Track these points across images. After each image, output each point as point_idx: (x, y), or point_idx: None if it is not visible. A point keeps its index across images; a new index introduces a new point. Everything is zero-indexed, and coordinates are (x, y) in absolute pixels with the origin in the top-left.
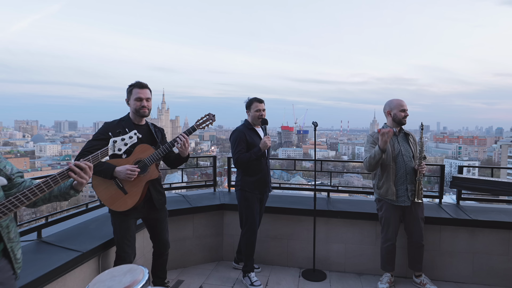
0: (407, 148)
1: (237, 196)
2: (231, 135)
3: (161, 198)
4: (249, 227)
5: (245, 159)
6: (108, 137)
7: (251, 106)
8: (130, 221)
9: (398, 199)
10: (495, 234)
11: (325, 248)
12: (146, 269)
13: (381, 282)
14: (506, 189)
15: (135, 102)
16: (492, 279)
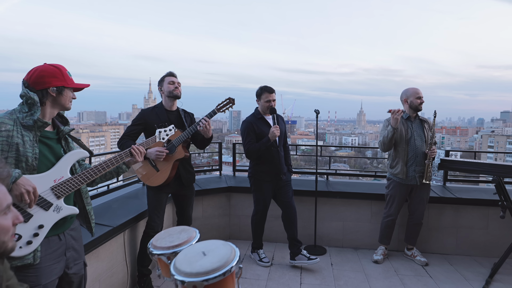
0: (420, 134)
1: (250, 183)
2: (241, 126)
3: (189, 176)
4: (257, 209)
5: (255, 149)
6: (144, 122)
7: (262, 96)
8: (162, 195)
9: (407, 179)
10: (477, 211)
11: (325, 226)
12: (197, 229)
13: (376, 254)
14: (487, 169)
15: (168, 85)
16: (473, 250)
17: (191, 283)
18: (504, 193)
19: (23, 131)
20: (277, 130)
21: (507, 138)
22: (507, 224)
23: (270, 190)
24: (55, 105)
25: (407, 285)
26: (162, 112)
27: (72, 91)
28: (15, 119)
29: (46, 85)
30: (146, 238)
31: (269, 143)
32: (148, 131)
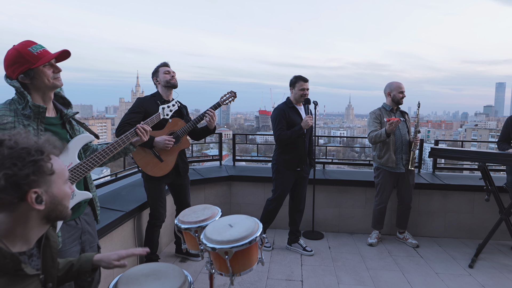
0: (403, 124)
1: (273, 169)
2: (272, 113)
3: (185, 166)
4: (275, 197)
5: (286, 136)
6: (142, 110)
7: (296, 84)
8: (162, 186)
9: (396, 166)
10: (463, 196)
11: (322, 212)
12: (218, 207)
13: (370, 238)
14: (473, 156)
15: (164, 75)
16: (460, 233)
17: (222, 249)
18: (489, 178)
19: (25, 121)
20: (311, 120)
21: (489, 132)
22: (490, 208)
23: (291, 180)
24: (39, 90)
25: (401, 265)
26: (160, 100)
27: (51, 66)
28: (15, 109)
29: (15, 74)
30: (153, 228)
31: (301, 131)
32: (147, 118)
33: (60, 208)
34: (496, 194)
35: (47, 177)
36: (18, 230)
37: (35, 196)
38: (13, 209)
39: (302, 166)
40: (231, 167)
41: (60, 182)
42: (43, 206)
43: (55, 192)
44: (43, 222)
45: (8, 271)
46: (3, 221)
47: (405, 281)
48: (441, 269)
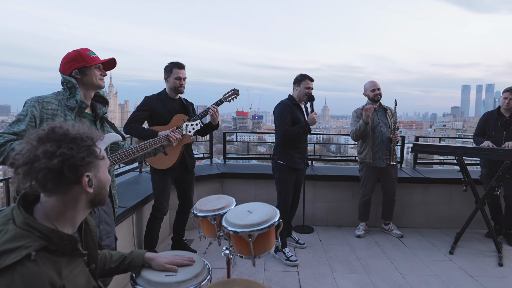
0: (385, 120)
1: (274, 167)
2: (275, 108)
3: (192, 161)
4: (282, 202)
5: (293, 132)
6: (150, 108)
7: (302, 82)
8: (167, 179)
9: (375, 161)
10: (442, 189)
11: (311, 207)
12: (232, 197)
13: (358, 230)
14: (451, 151)
15: (174, 80)
16: (439, 223)
17: (246, 233)
18: (466, 171)
19: (66, 111)
20: (317, 116)
21: (456, 132)
22: (466, 200)
23: (293, 179)
24: (86, 86)
25: (388, 254)
26: (167, 100)
27: (99, 69)
28: (60, 100)
29: (70, 70)
30: (154, 220)
31: (307, 128)
32: (154, 117)
33: (103, 193)
34: (473, 185)
35: (97, 162)
36: (68, 213)
37: (87, 179)
38: (67, 192)
39: (305, 164)
40: (222, 164)
41: (104, 168)
42: (92, 190)
43: (102, 177)
44: (88, 206)
45: (66, 251)
46: (56, 204)
47: (393, 268)
48: (425, 256)
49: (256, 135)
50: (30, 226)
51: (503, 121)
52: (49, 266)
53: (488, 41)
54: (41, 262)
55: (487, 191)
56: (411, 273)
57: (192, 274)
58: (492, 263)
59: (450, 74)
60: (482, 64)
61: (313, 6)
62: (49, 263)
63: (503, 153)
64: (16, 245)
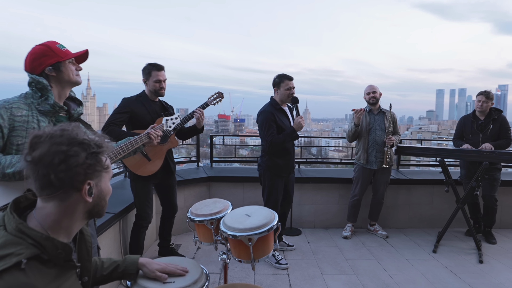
0: (381, 124)
1: (262, 176)
2: (258, 117)
3: (174, 165)
4: (270, 206)
5: (280, 141)
6: (130, 110)
7: (282, 84)
8: (150, 186)
9: (368, 163)
10: (424, 189)
11: (299, 210)
12: (228, 201)
13: (344, 231)
14: (434, 153)
15: (154, 83)
16: (421, 223)
17: (246, 236)
18: (447, 172)
19: (39, 116)
20: (303, 121)
21: (432, 134)
22: (446, 200)
23: (282, 186)
24: (61, 84)
25: (374, 254)
26: (147, 102)
27: (74, 63)
28: (30, 103)
29: (41, 67)
30: (139, 229)
31: (294, 134)
32: (134, 120)
33: (102, 204)
34: (454, 186)
35: (101, 171)
36: (64, 221)
37: (88, 187)
38: (65, 199)
39: (293, 170)
40: (209, 168)
41: (107, 178)
42: (91, 199)
43: (103, 187)
44: (85, 217)
45: (58, 262)
46: (52, 211)
47: (381, 268)
48: (410, 255)
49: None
50: (23, 232)
51: (479, 124)
52: (38, 277)
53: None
54: (30, 272)
55: (467, 191)
56: (398, 273)
57: (191, 281)
58: (473, 260)
59: (425, 78)
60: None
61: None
62: (39, 274)
63: (482, 155)
64: (6, 252)
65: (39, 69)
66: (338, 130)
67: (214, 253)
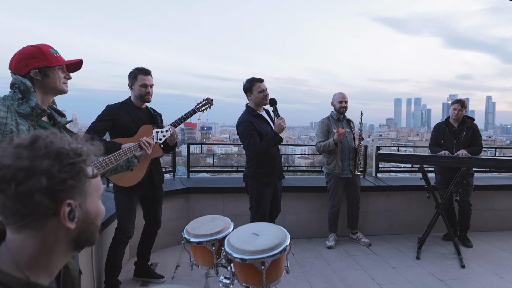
0: (349, 132)
1: (249, 186)
2: (237, 128)
3: (160, 176)
4: (257, 216)
5: (263, 149)
6: (112, 118)
7: (253, 88)
8: (133, 197)
9: (343, 172)
10: (403, 196)
11: (282, 220)
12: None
13: (328, 241)
14: (413, 159)
15: (140, 88)
16: (401, 229)
17: (259, 260)
18: (427, 178)
19: (18, 119)
20: (284, 122)
21: (391, 141)
22: (424, 205)
23: (270, 194)
24: (45, 90)
25: (361, 264)
26: (132, 109)
27: (63, 71)
28: (9, 105)
29: (28, 69)
30: (118, 245)
31: (277, 137)
32: (118, 128)
33: (92, 229)
34: (433, 192)
35: (84, 187)
36: (43, 257)
37: (69, 209)
38: (40, 227)
39: (280, 176)
40: (185, 178)
41: (95, 196)
42: (74, 225)
43: (90, 208)
44: (70, 248)
45: None
46: (26, 244)
47: (370, 278)
48: (395, 263)
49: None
50: None
51: (453, 130)
52: None
53: (415, 60)
54: None
55: (446, 196)
56: (387, 282)
57: None
58: (455, 266)
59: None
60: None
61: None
62: None
63: (459, 161)
64: None
65: (24, 70)
66: (304, 138)
67: (196, 270)
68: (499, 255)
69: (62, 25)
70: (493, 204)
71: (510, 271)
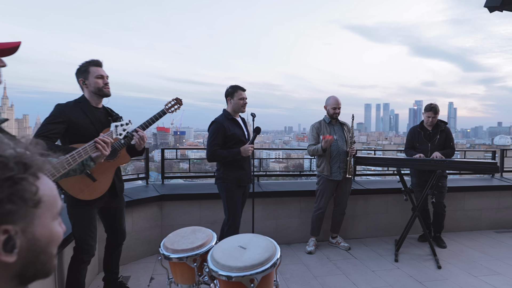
0: (341, 135)
1: (221, 187)
2: (210, 126)
3: (121, 185)
4: (232, 222)
5: (222, 156)
6: (67, 120)
7: (235, 94)
8: (94, 211)
9: (332, 174)
10: (380, 199)
11: (261, 226)
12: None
13: (308, 246)
14: (391, 163)
15: (96, 80)
16: (378, 232)
17: (247, 277)
18: (404, 181)
19: None
20: (251, 151)
21: (362, 145)
22: (400, 208)
23: (241, 197)
24: None
25: (341, 268)
26: (88, 108)
27: None
28: None
29: None
30: (79, 265)
31: (238, 156)
32: (72, 132)
33: (43, 259)
34: (410, 194)
35: (29, 209)
36: None
37: (5, 238)
38: None
39: (249, 181)
40: (159, 185)
41: (47, 216)
42: (14, 257)
43: (39, 233)
44: (15, 284)
45: None
46: None
47: (351, 283)
48: (375, 267)
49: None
50: None
51: (427, 134)
52: None
53: (383, 67)
54: None
55: (423, 198)
56: (368, 287)
57: None
58: (432, 267)
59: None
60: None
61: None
62: None
63: (435, 163)
64: None
65: None
66: (278, 142)
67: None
68: (471, 254)
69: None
70: (463, 205)
71: (483, 270)
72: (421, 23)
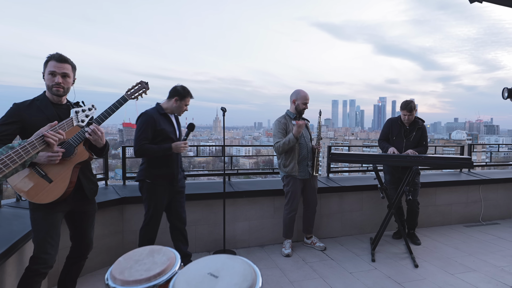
0: (306, 132)
1: (142, 187)
2: (138, 118)
3: (93, 187)
4: (149, 220)
5: (151, 151)
6: (20, 120)
7: (185, 100)
8: (57, 215)
9: (300, 173)
10: (354, 196)
11: (232, 228)
12: (172, 248)
13: (284, 248)
14: (367, 159)
15: (48, 76)
16: (353, 230)
17: None
18: (379, 178)
19: None
20: (184, 149)
21: (330, 140)
22: (374, 205)
23: (165, 196)
24: None
25: (318, 271)
26: (46, 106)
27: None
28: None
29: None
30: (33, 278)
31: (169, 152)
32: (29, 131)
33: None
34: (387, 191)
35: None
36: None
37: None
38: None
39: (178, 181)
40: (120, 187)
41: None
42: None
43: None
44: None
45: None
46: None
47: None
48: (352, 268)
49: None
50: None
51: (405, 129)
52: None
53: (350, 64)
54: None
55: (398, 195)
56: None
57: None
58: (409, 265)
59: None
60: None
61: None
62: None
63: (410, 160)
64: None
65: None
66: (248, 138)
67: None
68: (445, 250)
69: None
70: (435, 200)
71: (458, 267)
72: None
